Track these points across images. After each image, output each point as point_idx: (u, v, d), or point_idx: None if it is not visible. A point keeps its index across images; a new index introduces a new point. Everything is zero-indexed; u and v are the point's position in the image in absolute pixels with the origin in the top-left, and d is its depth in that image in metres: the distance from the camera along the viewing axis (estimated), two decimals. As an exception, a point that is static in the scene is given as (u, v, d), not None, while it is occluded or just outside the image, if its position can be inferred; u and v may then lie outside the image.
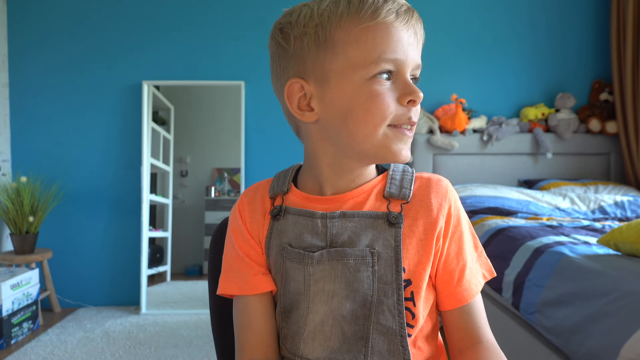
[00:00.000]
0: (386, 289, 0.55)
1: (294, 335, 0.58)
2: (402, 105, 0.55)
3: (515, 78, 2.86)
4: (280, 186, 0.64)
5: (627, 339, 0.97)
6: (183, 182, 2.90)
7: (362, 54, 0.54)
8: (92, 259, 2.83)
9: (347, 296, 0.55)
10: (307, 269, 0.57)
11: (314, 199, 0.61)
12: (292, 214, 0.61)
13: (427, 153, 2.71)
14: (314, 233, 0.58)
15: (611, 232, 1.35)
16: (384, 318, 0.55)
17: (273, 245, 0.61)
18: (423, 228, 0.58)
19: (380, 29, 0.53)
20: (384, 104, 0.54)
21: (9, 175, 2.80)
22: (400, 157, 0.56)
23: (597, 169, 2.76)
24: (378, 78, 0.54)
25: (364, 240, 0.57)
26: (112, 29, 2.81)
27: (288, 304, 0.59)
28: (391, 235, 0.56)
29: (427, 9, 2.83)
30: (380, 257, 0.56)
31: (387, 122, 0.55)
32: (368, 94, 0.54)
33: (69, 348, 2.18)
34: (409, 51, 0.55)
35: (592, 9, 2.84)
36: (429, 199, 0.59)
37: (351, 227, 0.57)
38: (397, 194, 0.59)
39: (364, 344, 0.55)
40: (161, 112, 2.89)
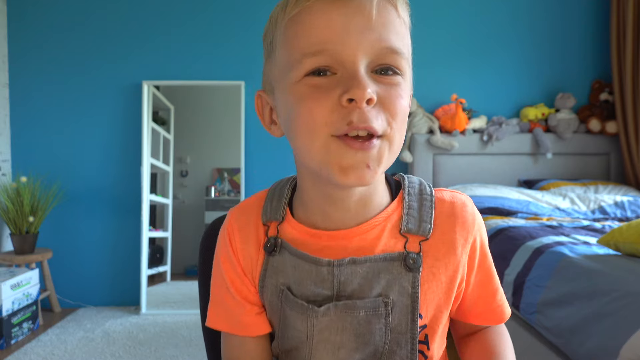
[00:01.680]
0: (399, 339, 0.50)
1: None
2: (343, 107, 0.43)
3: (515, 78, 2.86)
4: (274, 211, 0.55)
5: (627, 338, 0.97)
6: (183, 182, 2.90)
7: (287, 53, 0.46)
8: (92, 259, 2.83)
9: (356, 349, 0.50)
10: (311, 320, 0.50)
11: (315, 234, 0.52)
12: (290, 254, 0.52)
13: (427, 153, 2.71)
14: (318, 281, 0.50)
15: (611, 232, 1.35)
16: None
17: (268, 285, 0.54)
18: (445, 269, 0.51)
19: (303, 18, 0.44)
20: (311, 108, 0.43)
21: (9, 175, 2.80)
22: (346, 178, 0.44)
23: (597, 169, 2.76)
24: (308, 78, 0.44)
25: (377, 289, 0.49)
26: (112, 29, 2.81)
27: (288, 346, 0.54)
28: (408, 281, 0.49)
29: (427, 9, 2.83)
30: (394, 306, 0.49)
31: (323, 130, 0.44)
32: (294, 100, 0.45)
33: (69, 348, 2.18)
34: (351, 37, 0.43)
35: (592, 9, 2.84)
36: (452, 235, 0.51)
37: (362, 273, 0.49)
38: (415, 230, 0.50)
39: None
40: (161, 112, 2.89)
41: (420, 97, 2.82)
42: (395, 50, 0.45)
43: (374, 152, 0.44)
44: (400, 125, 0.46)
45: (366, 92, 0.42)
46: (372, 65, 0.45)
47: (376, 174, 0.45)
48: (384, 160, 0.45)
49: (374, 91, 0.43)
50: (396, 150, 0.47)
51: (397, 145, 0.46)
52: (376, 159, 0.44)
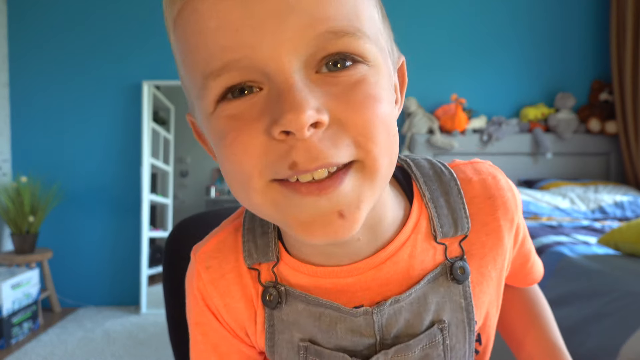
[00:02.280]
0: (458, 355, 0.41)
1: None
2: (277, 142, 0.29)
3: (515, 78, 2.86)
4: (262, 250, 0.40)
5: (627, 338, 0.97)
6: (183, 182, 2.90)
7: (188, 75, 0.33)
8: (92, 258, 2.83)
9: None
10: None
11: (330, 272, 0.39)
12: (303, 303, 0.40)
13: (426, 153, 2.71)
14: (354, 330, 0.39)
15: (611, 232, 1.35)
16: None
17: (281, 343, 0.41)
18: (494, 264, 0.42)
19: (189, 17, 0.31)
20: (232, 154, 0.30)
21: (9, 175, 2.80)
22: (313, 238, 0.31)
23: (597, 169, 2.76)
24: (222, 106, 0.31)
25: (427, 317, 0.40)
26: (112, 29, 2.81)
27: None
28: (459, 293, 0.40)
29: (427, 9, 2.83)
30: (449, 328, 0.40)
31: (259, 181, 0.31)
32: (214, 140, 0.32)
33: (69, 348, 2.18)
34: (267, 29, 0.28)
35: (592, 9, 2.84)
36: (496, 223, 0.41)
37: (406, 306, 0.39)
38: (453, 232, 0.40)
39: None
40: (161, 112, 2.89)
41: (420, 97, 2.82)
42: (341, 30, 0.29)
43: (345, 192, 0.31)
44: (382, 142, 0.31)
45: (305, 116, 0.28)
46: (313, 63, 0.30)
47: (356, 220, 0.31)
48: (364, 198, 0.32)
49: (321, 105, 0.29)
50: (384, 177, 0.33)
51: (382, 170, 0.32)
52: (352, 200, 0.31)
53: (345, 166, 0.31)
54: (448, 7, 2.83)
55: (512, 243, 0.43)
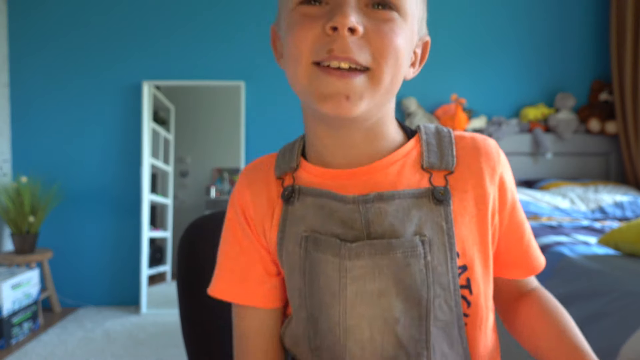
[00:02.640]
0: (442, 280, 0.46)
1: (331, 346, 0.48)
2: (327, 35, 0.43)
3: (515, 78, 2.86)
4: (286, 163, 0.53)
5: (627, 338, 0.97)
6: (183, 182, 2.90)
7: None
8: (92, 258, 2.83)
9: (397, 295, 0.46)
10: (343, 263, 0.46)
11: (333, 173, 0.50)
12: (310, 196, 0.50)
13: (427, 153, 2.71)
14: (345, 221, 0.47)
15: (611, 232, 1.35)
16: (442, 313, 0.47)
17: (289, 235, 0.50)
18: (474, 202, 0.48)
19: None
20: (297, 35, 0.44)
21: (9, 175, 2.80)
22: (323, 105, 0.44)
23: (597, 169, 2.77)
24: (301, 7, 0.45)
25: (410, 227, 0.46)
26: (112, 29, 2.81)
27: (315, 309, 0.48)
28: (440, 215, 0.47)
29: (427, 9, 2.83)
30: (432, 245, 0.46)
31: (306, 58, 0.44)
32: (286, 28, 0.46)
33: (69, 348, 2.18)
34: None
35: (591, 9, 2.84)
36: (478, 165, 0.49)
37: (391, 212, 0.46)
38: (437, 164, 0.49)
39: (424, 346, 0.46)
40: (161, 112, 2.89)
41: (420, 97, 2.82)
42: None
43: (355, 84, 0.43)
44: (390, 63, 0.44)
45: (348, 20, 0.41)
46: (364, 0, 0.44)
47: (356, 107, 0.43)
48: (366, 96, 0.44)
49: (360, 22, 0.42)
50: (384, 89, 0.45)
51: (384, 83, 0.44)
52: (357, 91, 0.43)
53: (361, 70, 0.43)
54: (448, 7, 2.83)
55: (497, 194, 0.50)
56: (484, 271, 0.50)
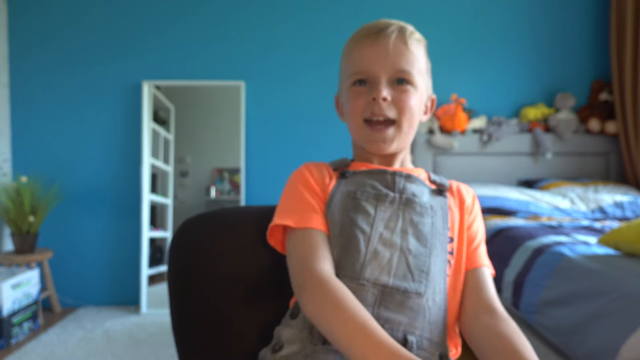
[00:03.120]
0: (439, 237, 0.68)
1: (355, 262, 0.64)
2: (371, 103, 0.70)
3: (515, 78, 2.86)
4: (341, 163, 0.77)
5: (627, 338, 0.97)
6: (183, 182, 2.90)
7: (346, 70, 0.75)
8: (92, 258, 2.83)
9: (413, 234, 0.67)
10: (380, 206, 0.68)
11: (377, 167, 0.74)
12: (360, 174, 0.73)
13: (427, 153, 2.71)
14: (384, 184, 0.71)
15: (611, 232, 1.35)
16: (436, 260, 0.66)
17: (339, 192, 0.70)
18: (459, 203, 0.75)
19: (354, 50, 0.73)
20: (356, 100, 0.72)
21: (9, 175, 2.80)
22: (370, 147, 0.73)
23: (597, 169, 2.77)
24: (354, 87, 0.73)
25: (424, 199, 0.71)
26: (112, 29, 2.81)
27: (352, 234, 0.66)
28: (442, 201, 0.72)
29: (427, 9, 2.83)
30: (436, 212, 0.70)
31: (360, 117, 0.72)
32: (347, 97, 0.74)
33: (69, 348, 2.18)
34: (376, 62, 0.70)
35: (591, 9, 2.84)
36: (460, 192, 0.77)
37: (414, 187, 0.72)
38: (439, 182, 0.76)
39: (425, 276, 0.65)
40: (161, 112, 2.89)
41: (420, 97, 2.82)
42: (403, 70, 0.71)
43: (388, 134, 0.72)
44: (407, 117, 0.72)
45: (381, 94, 0.70)
46: (392, 79, 0.71)
47: (389, 147, 0.72)
48: (395, 139, 0.72)
49: (389, 93, 0.71)
50: (406, 132, 0.73)
51: (405, 129, 0.73)
52: (389, 138, 0.72)
53: (390, 122, 0.72)
54: (448, 7, 2.83)
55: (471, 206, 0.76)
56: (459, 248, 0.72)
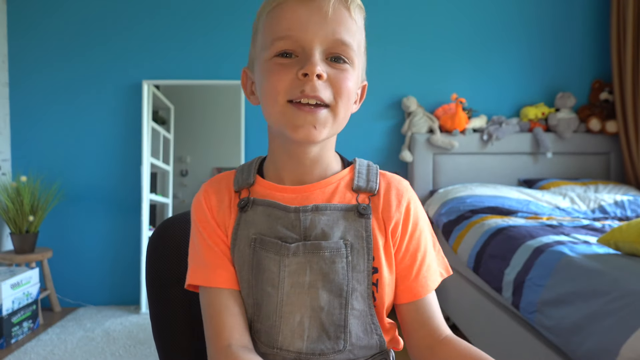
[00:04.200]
0: (359, 277, 0.58)
1: (268, 329, 0.58)
2: (299, 80, 0.55)
3: (515, 77, 2.86)
4: (245, 179, 0.65)
5: (627, 338, 0.97)
6: (183, 181, 2.90)
7: (263, 37, 0.59)
8: (92, 258, 2.83)
9: (324, 287, 0.57)
10: (283, 260, 0.58)
11: (282, 188, 0.63)
12: (261, 206, 0.62)
13: (427, 153, 2.71)
14: (287, 226, 0.60)
15: (611, 232, 1.35)
16: (357, 303, 0.58)
17: (241, 237, 0.61)
18: (386, 222, 0.62)
19: (277, 11, 0.57)
20: (275, 79, 0.56)
21: (9, 175, 2.80)
22: (296, 134, 0.56)
23: (597, 169, 2.76)
24: (276, 58, 0.57)
25: (337, 233, 0.59)
26: (112, 28, 2.81)
27: (259, 297, 0.59)
28: (362, 226, 0.60)
29: (427, 9, 2.83)
30: (353, 248, 0.59)
31: (282, 97, 0.56)
32: (266, 73, 0.58)
33: (69, 347, 2.18)
34: (309, 26, 0.55)
35: (592, 9, 2.84)
36: (389, 195, 0.63)
37: (324, 220, 0.59)
38: (364, 187, 0.63)
39: (342, 330, 0.58)
40: (161, 111, 2.89)
41: (420, 97, 2.82)
42: (344, 42, 0.57)
43: (320, 117, 0.56)
44: (344, 102, 0.58)
45: (316, 68, 0.54)
46: (326, 53, 0.57)
47: (321, 134, 0.57)
48: (327, 126, 0.58)
49: (324, 70, 0.56)
50: (340, 121, 0.59)
51: (341, 117, 0.59)
52: (322, 122, 0.57)
53: (324, 105, 0.57)
54: (448, 7, 2.83)
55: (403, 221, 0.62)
56: (390, 276, 0.61)
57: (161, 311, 0.72)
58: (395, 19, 2.83)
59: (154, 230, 0.75)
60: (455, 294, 2.23)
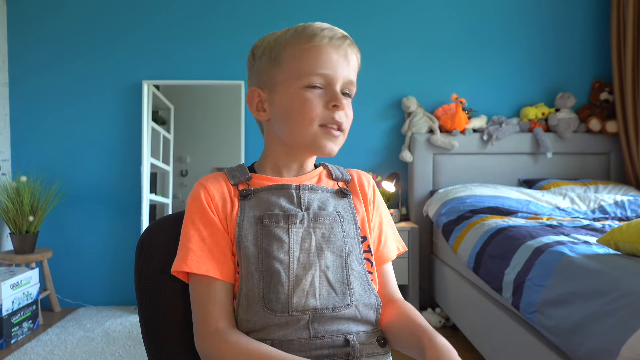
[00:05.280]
0: (352, 242, 0.71)
1: (282, 294, 0.64)
2: (328, 110, 0.69)
3: (516, 78, 2.86)
4: (240, 175, 0.74)
5: (627, 338, 0.97)
6: (183, 181, 2.90)
7: (299, 68, 0.70)
8: (92, 258, 2.83)
9: (328, 248, 0.68)
10: (292, 228, 0.68)
11: (279, 180, 0.74)
12: (263, 192, 0.72)
13: (427, 153, 2.71)
14: (290, 201, 0.71)
15: (611, 232, 1.35)
16: (355, 265, 0.70)
17: (247, 218, 0.69)
18: (362, 199, 0.78)
19: (314, 50, 0.69)
20: (313, 107, 0.68)
21: (9, 175, 2.80)
22: (325, 150, 0.71)
23: (597, 169, 2.76)
24: (308, 88, 0.69)
25: (330, 207, 0.73)
26: (112, 28, 2.81)
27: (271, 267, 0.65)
28: (346, 202, 0.75)
29: (427, 9, 2.83)
30: (344, 219, 0.72)
31: (317, 122, 0.69)
32: (302, 100, 0.69)
33: (68, 348, 2.18)
34: (338, 68, 0.69)
35: (592, 9, 2.84)
36: (361, 180, 0.80)
37: (318, 197, 0.73)
38: (341, 177, 0.79)
39: (347, 287, 0.67)
40: (161, 111, 2.89)
41: (420, 97, 2.82)
42: (354, 83, 0.73)
43: (340, 138, 0.72)
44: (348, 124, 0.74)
45: (344, 103, 0.70)
46: (341, 89, 0.71)
47: (338, 147, 0.73)
48: (340, 144, 0.73)
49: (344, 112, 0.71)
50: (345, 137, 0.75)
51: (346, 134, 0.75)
52: (340, 142, 0.73)
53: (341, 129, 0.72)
54: (448, 7, 2.83)
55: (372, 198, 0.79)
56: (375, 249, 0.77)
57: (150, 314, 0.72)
58: (395, 19, 2.83)
59: (142, 233, 0.76)
60: (455, 294, 2.23)
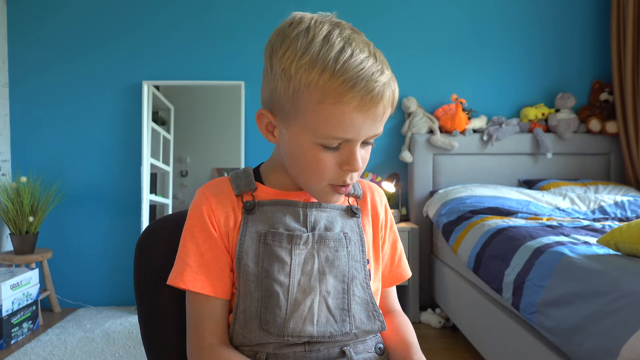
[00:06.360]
0: (357, 266, 0.66)
1: (279, 317, 0.61)
2: (342, 170, 0.62)
3: (515, 78, 2.86)
4: (246, 185, 0.68)
5: (627, 338, 0.97)
6: (183, 182, 2.90)
7: (317, 124, 0.59)
8: (92, 259, 2.83)
9: (330, 272, 0.64)
10: (295, 249, 0.63)
11: (286, 193, 0.69)
12: (268, 206, 0.67)
13: (427, 153, 2.71)
14: (295, 219, 0.66)
15: (611, 232, 1.35)
16: (358, 291, 0.65)
17: (249, 234, 0.64)
18: (372, 219, 0.73)
19: (337, 110, 0.58)
20: (325, 168, 0.61)
21: (9, 175, 2.80)
22: (329, 202, 0.67)
23: (597, 169, 2.76)
24: (322, 149, 0.61)
25: (337, 227, 0.68)
26: (112, 29, 2.81)
27: (270, 288, 0.62)
28: (355, 223, 0.70)
29: (428, 9, 2.83)
30: (350, 240, 0.67)
31: (326, 182, 0.63)
32: (314, 158, 0.61)
33: (68, 348, 2.18)
34: (362, 130, 0.59)
35: (592, 9, 2.84)
36: (373, 197, 0.75)
37: (325, 216, 0.68)
38: (352, 193, 0.72)
39: (347, 314, 0.64)
40: (161, 112, 2.89)
41: (420, 97, 2.82)
42: (379, 133, 0.63)
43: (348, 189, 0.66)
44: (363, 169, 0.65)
45: (360, 167, 0.62)
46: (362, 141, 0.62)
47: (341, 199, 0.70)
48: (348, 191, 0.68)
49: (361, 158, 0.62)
50: None
51: None
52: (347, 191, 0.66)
53: None
54: (448, 7, 2.83)
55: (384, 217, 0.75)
56: (375, 268, 0.72)
57: (150, 315, 0.72)
58: (396, 19, 2.83)
59: (141, 234, 0.74)
60: (455, 294, 2.23)
